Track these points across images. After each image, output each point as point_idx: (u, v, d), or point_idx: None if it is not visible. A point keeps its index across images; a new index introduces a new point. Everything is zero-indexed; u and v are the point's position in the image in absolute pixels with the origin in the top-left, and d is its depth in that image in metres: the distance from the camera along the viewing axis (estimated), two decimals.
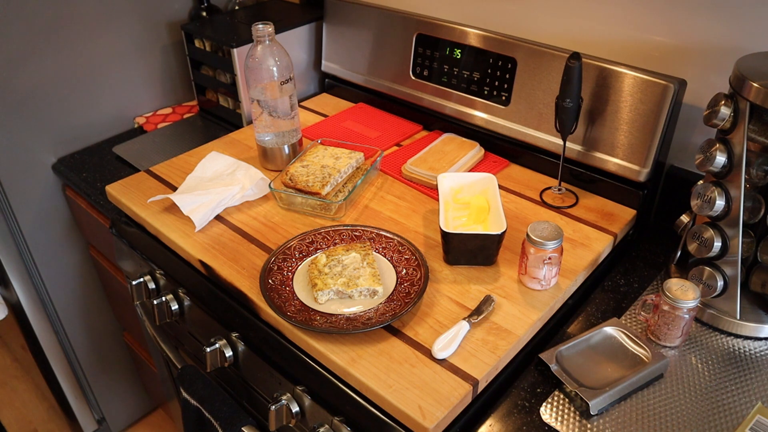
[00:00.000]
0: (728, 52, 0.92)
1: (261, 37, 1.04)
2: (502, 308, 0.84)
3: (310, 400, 0.83)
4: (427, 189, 1.09)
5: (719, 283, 0.83)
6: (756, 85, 0.73)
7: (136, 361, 1.69)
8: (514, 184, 1.10)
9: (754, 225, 0.82)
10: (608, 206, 1.04)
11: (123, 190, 1.10)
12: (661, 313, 0.81)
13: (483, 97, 1.15)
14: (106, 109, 1.42)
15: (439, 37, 1.18)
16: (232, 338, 0.94)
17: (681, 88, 0.94)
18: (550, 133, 1.07)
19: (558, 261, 0.84)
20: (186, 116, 1.49)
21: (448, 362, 0.76)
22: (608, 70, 0.98)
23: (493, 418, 0.76)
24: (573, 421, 0.74)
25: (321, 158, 1.10)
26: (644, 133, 0.97)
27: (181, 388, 0.99)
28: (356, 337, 0.79)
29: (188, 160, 1.19)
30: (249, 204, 1.06)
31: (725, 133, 0.79)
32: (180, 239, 0.98)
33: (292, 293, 0.85)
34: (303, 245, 0.93)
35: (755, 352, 0.83)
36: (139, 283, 1.09)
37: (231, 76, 1.33)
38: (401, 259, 0.90)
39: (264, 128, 1.11)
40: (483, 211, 0.94)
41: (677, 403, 0.76)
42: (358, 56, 1.33)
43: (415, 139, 1.26)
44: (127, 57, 1.41)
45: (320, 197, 1.01)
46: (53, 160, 1.37)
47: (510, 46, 1.09)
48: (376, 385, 0.73)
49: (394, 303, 0.83)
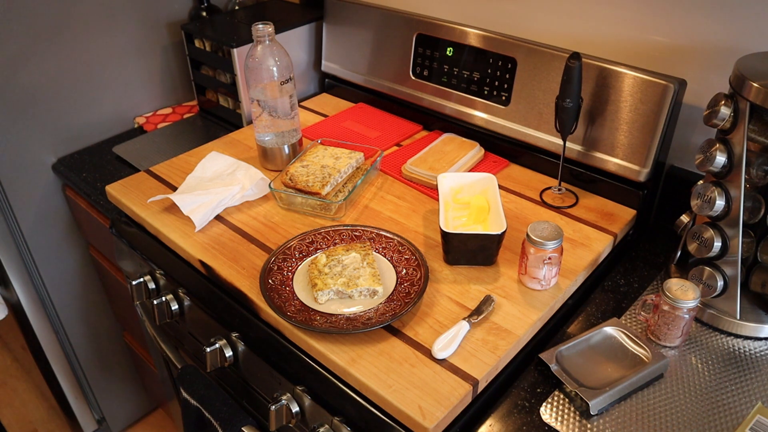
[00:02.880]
0: (728, 52, 0.92)
1: (261, 37, 1.04)
2: (502, 308, 0.84)
3: (310, 400, 0.83)
4: (427, 189, 1.09)
5: (719, 283, 0.83)
6: (756, 85, 0.73)
7: (136, 361, 1.69)
8: (514, 184, 1.10)
9: (754, 225, 0.82)
10: (608, 206, 1.04)
11: (123, 190, 1.10)
12: (661, 313, 0.81)
13: (483, 97, 1.15)
14: (106, 109, 1.42)
15: (439, 37, 1.18)
16: (232, 338, 0.94)
17: (681, 88, 0.94)
18: (550, 133, 1.07)
19: (558, 261, 0.84)
20: (186, 116, 1.49)
21: (448, 362, 0.76)
22: (608, 70, 0.98)
23: (493, 418, 0.76)
24: (573, 421, 0.74)
25: (321, 158, 1.10)
26: (644, 133, 0.97)
27: (181, 388, 0.99)
28: (356, 337, 0.79)
29: (188, 160, 1.19)
30: (249, 204, 1.06)
31: (725, 133, 0.79)
32: (180, 239, 0.98)
33: (292, 293, 0.85)
34: (303, 245, 0.93)
35: (755, 352, 0.83)
36: (139, 283, 1.09)
37: (231, 76, 1.33)
38: (401, 259, 0.90)
39: (264, 128, 1.11)
40: (483, 211, 0.94)
41: (677, 403, 0.76)
42: (358, 56, 1.33)
43: (415, 139, 1.26)
44: (127, 57, 1.41)
45: (320, 197, 1.01)
46: (53, 160, 1.37)
47: (510, 46, 1.09)
48: (376, 385, 0.73)
49: (394, 303, 0.83)
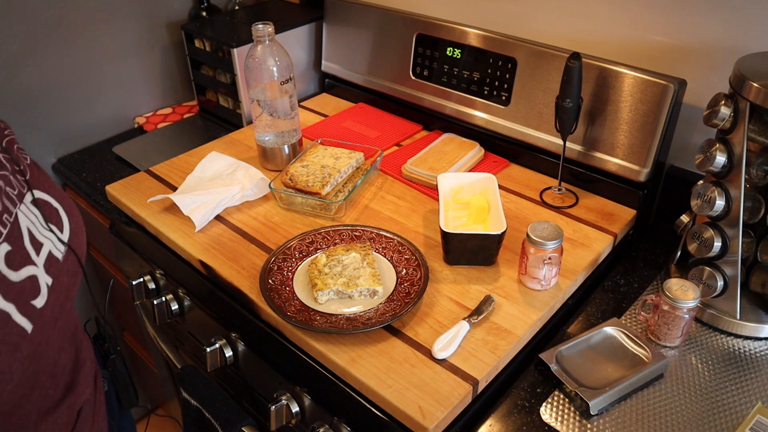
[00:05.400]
0: (728, 52, 0.92)
1: (261, 37, 1.04)
2: (502, 308, 0.84)
3: (310, 400, 0.83)
4: (427, 189, 1.09)
5: (719, 283, 0.83)
6: (756, 85, 0.73)
7: (136, 361, 1.69)
8: (514, 184, 1.10)
9: (754, 225, 0.82)
10: (608, 206, 1.04)
11: (123, 190, 1.10)
12: (661, 313, 0.81)
13: (483, 97, 1.15)
14: (106, 109, 1.42)
15: (439, 37, 1.18)
16: (232, 338, 0.94)
17: (681, 88, 0.94)
18: (550, 133, 1.07)
19: (558, 261, 0.84)
20: (186, 116, 1.49)
21: (448, 362, 0.76)
22: (608, 70, 0.98)
23: (493, 418, 0.76)
24: (573, 421, 0.74)
25: (321, 158, 1.10)
26: (644, 133, 0.97)
27: (181, 388, 0.99)
28: (356, 337, 0.79)
29: (188, 160, 1.19)
30: (249, 204, 1.06)
31: (725, 133, 0.79)
32: (180, 239, 0.98)
33: (292, 293, 0.85)
34: (303, 245, 0.93)
35: (755, 352, 0.83)
36: (139, 283, 1.09)
37: (231, 76, 1.33)
38: (401, 259, 0.90)
39: (264, 128, 1.11)
40: (483, 211, 0.94)
41: (677, 403, 0.76)
42: (358, 56, 1.33)
43: (415, 139, 1.26)
44: (127, 57, 1.41)
45: (320, 197, 1.01)
46: (53, 160, 1.37)
47: (510, 46, 1.09)
48: (376, 385, 0.73)
49: (394, 303, 0.83)
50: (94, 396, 0.69)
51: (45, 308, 0.53)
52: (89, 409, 0.67)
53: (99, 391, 0.72)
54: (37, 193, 0.59)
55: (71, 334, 0.66)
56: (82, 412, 0.66)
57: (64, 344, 0.63)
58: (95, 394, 0.70)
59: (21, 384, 0.51)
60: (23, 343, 0.50)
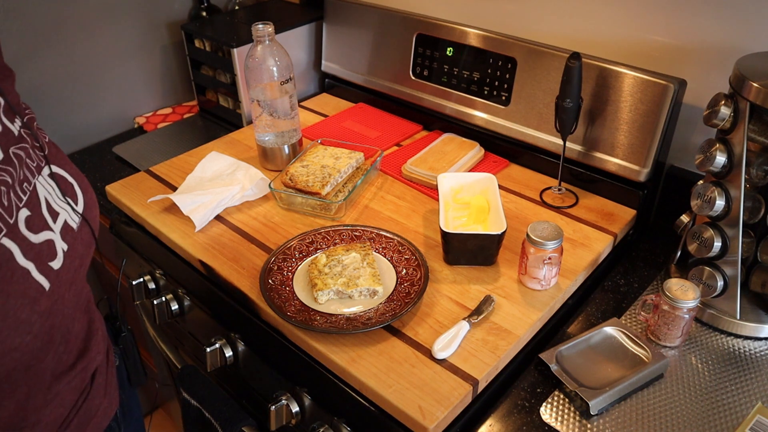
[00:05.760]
0: (728, 52, 0.92)
1: (261, 37, 1.04)
2: (502, 308, 0.84)
3: (310, 400, 0.83)
4: (427, 189, 1.09)
5: (719, 283, 0.83)
6: (756, 85, 0.73)
7: None
8: (514, 184, 1.10)
9: (754, 225, 0.82)
10: (608, 206, 1.04)
11: (123, 190, 1.10)
12: (661, 313, 0.81)
13: (483, 97, 1.15)
14: (106, 109, 1.42)
15: (439, 37, 1.18)
16: (232, 338, 0.94)
17: (681, 88, 0.94)
18: (550, 133, 1.07)
19: (558, 261, 0.84)
20: (186, 116, 1.49)
21: (448, 362, 0.76)
22: (608, 70, 0.98)
23: (493, 418, 0.76)
24: (573, 421, 0.74)
25: (321, 158, 1.10)
26: (644, 133, 0.97)
27: (181, 388, 0.99)
28: (356, 337, 0.79)
29: (188, 160, 1.19)
30: (249, 204, 1.06)
31: (725, 133, 0.79)
32: (180, 239, 0.98)
33: (292, 293, 0.85)
34: (303, 245, 0.93)
35: (755, 352, 0.83)
36: (139, 283, 1.09)
37: (231, 76, 1.33)
38: (401, 259, 0.90)
39: (264, 128, 1.11)
40: (483, 211, 0.94)
41: (677, 403, 0.76)
42: (358, 56, 1.33)
43: (415, 139, 1.26)
44: (127, 57, 1.41)
45: (320, 197, 1.01)
46: None
47: (510, 46, 1.09)
48: (376, 385, 0.73)
49: (394, 303, 0.83)
50: (106, 366, 0.72)
51: (61, 270, 0.57)
52: (102, 378, 0.70)
53: (111, 363, 0.75)
54: (54, 168, 0.62)
55: (84, 306, 0.69)
56: (95, 379, 0.68)
57: (77, 313, 0.66)
58: (107, 366, 0.73)
59: (38, 337, 0.54)
60: (41, 298, 0.54)
